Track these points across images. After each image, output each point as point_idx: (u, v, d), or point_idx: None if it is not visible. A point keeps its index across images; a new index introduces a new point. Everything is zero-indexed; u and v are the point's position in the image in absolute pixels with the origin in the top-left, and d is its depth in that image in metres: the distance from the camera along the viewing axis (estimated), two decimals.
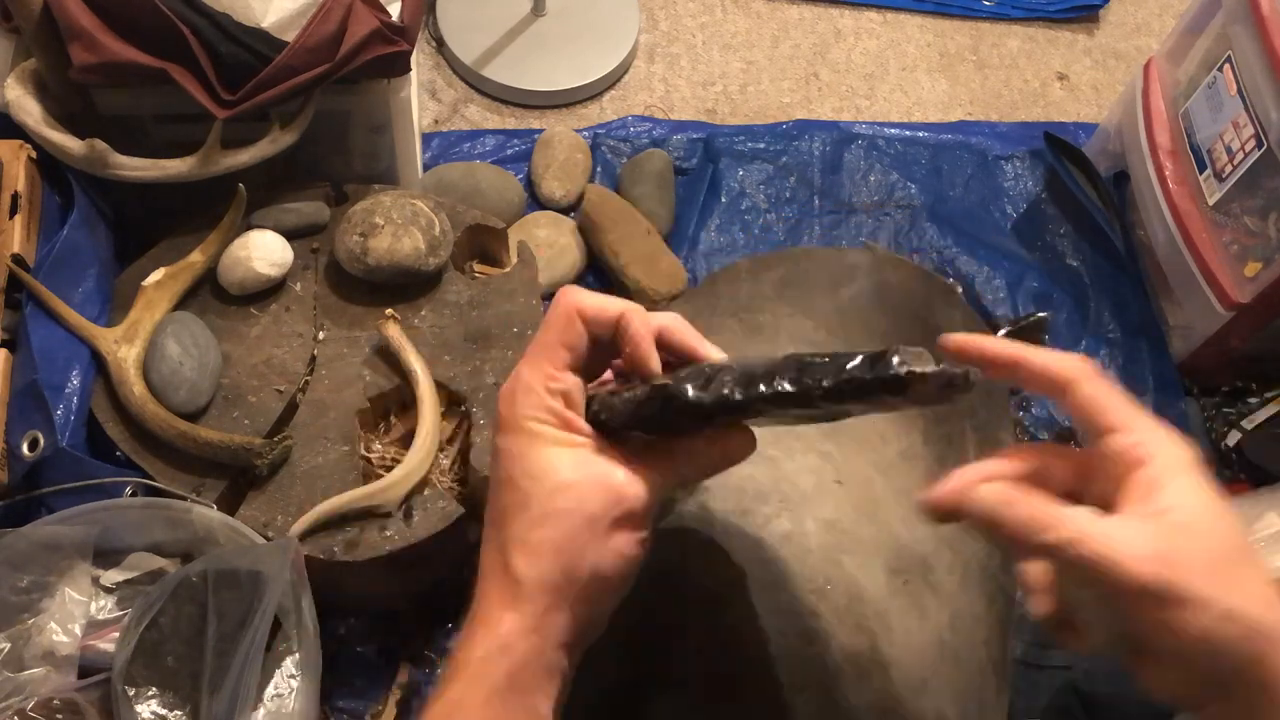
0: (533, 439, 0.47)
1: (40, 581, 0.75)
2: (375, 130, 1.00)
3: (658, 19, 1.51)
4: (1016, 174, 1.38)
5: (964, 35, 1.54)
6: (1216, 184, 1.11)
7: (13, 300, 0.83)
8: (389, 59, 0.91)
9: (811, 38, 1.52)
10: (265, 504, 0.83)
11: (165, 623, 0.73)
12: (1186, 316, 1.18)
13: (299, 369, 0.89)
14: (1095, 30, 1.58)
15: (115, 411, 0.85)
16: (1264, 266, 1.06)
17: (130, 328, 0.86)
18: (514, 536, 0.46)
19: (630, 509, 0.47)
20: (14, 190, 0.84)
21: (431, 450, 0.85)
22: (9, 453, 0.78)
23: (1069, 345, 1.24)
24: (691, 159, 1.34)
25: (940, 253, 1.30)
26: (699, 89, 1.44)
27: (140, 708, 0.71)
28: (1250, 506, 1.03)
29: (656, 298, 1.16)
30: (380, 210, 0.92)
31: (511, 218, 1.22)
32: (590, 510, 0.46)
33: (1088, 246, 1.31)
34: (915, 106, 1.46)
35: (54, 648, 0.73)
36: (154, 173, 0.88)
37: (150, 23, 0.83)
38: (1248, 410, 1.15)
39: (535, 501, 0.46)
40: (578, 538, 0.46)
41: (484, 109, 1.38)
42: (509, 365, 0.90)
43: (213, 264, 0.92)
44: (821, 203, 1.33)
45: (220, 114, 0.86)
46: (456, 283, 0.96)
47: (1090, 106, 1.49)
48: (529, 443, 0.47)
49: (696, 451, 0.49)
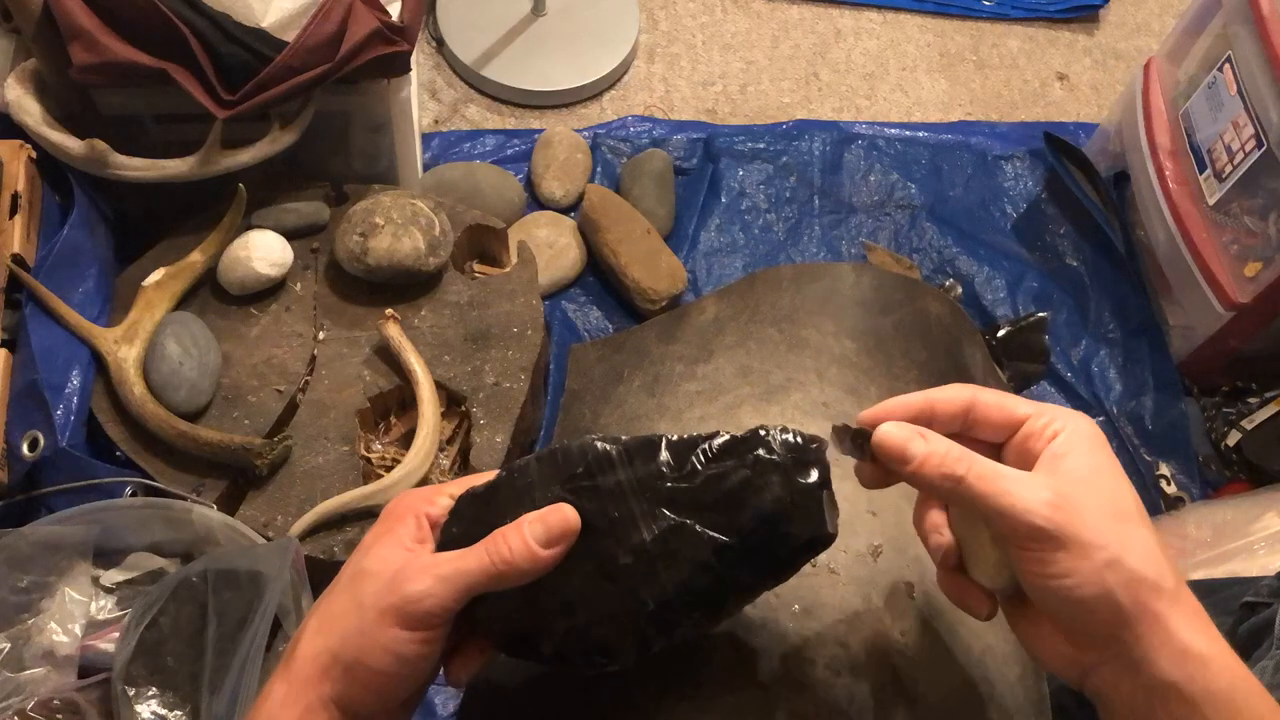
0: (382, 535, 0.49)
1: (40, 581, 0.75)
2: (375, 130, 1.00)
3: (658, 19, 1.51)
4: (1016, 174, 1.38)
5: (964, 35, 1.54)
6: (1216, 184, 1.11)
7: (13, 300, 0.83)
8: (389, 59, 0.91)
9: (811, 38, 1.52)
10: (265, 504, 0.83)
11: (165, 623, 0.73)
12: (1186, 316, 1.18)
13: (299, 369, 0.89)
14: (1095, 30, 1.58)
15: (115, 411, 0.85)
16: (1264, 266, 1.07)
17: (130, 328, 0.86)
18: (311, 612, 0.49)
19: (404, 603, 0.45)
20: (14, 190, 0.84)
21: (431, 450, 0.85)
22: (9, 453, 0.78)
23: (1069, 345, 1.24)
24: (691, 159, 1.34)
25: (940, 253, 1.30)
26: (699, 89, 1.44)
27: (140, 708, 0.71)
28: (1250, 506, 1.03)
29: (656, 298, 1.16)
30: (380, 210, 0.92)
31: (511, 218, 1.22)
32: (362, 597, 0.47)
33: (1088, 246, 1.31)
34: (915, 106, 1.46)
35: (54, 648, 0.73)
36: (154, 173, 0.88)
37: (150, 23, 0.83)
38: (1248, 410, 1.15)
39: (338, 582, 0.48)
40: (347, 620, 0.47)
41: (484, 109, 1.38)
42: (509, 365, 0.90)
43: (213, 264, 0.92)
44: (821, 203, 1.33)
45: (220, 114, 0.86)
46: (456, 283, 0.96)
47: (1090, 106, 1.49)
48: (375, 538, 0.49)
49: (503, 534, 0.47)
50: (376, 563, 0.48)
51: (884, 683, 0.55)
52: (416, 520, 0.49)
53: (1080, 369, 1.22)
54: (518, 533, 0.46)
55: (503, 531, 0.47)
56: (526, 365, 0.91)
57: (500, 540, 0.46)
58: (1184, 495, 1.14)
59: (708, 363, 0.70)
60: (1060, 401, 1.20)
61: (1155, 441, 1.17)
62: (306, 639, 0.47)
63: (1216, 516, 1.04)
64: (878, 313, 0.72)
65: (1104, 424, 1.19)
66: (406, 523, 0.49)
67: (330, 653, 0.46)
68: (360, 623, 0.46)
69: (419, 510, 0.50)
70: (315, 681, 0.46)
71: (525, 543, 0.46)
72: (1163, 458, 1.16)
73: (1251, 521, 1.01)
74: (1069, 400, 1.21)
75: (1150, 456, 1.17)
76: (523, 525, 0.47)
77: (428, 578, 0.46)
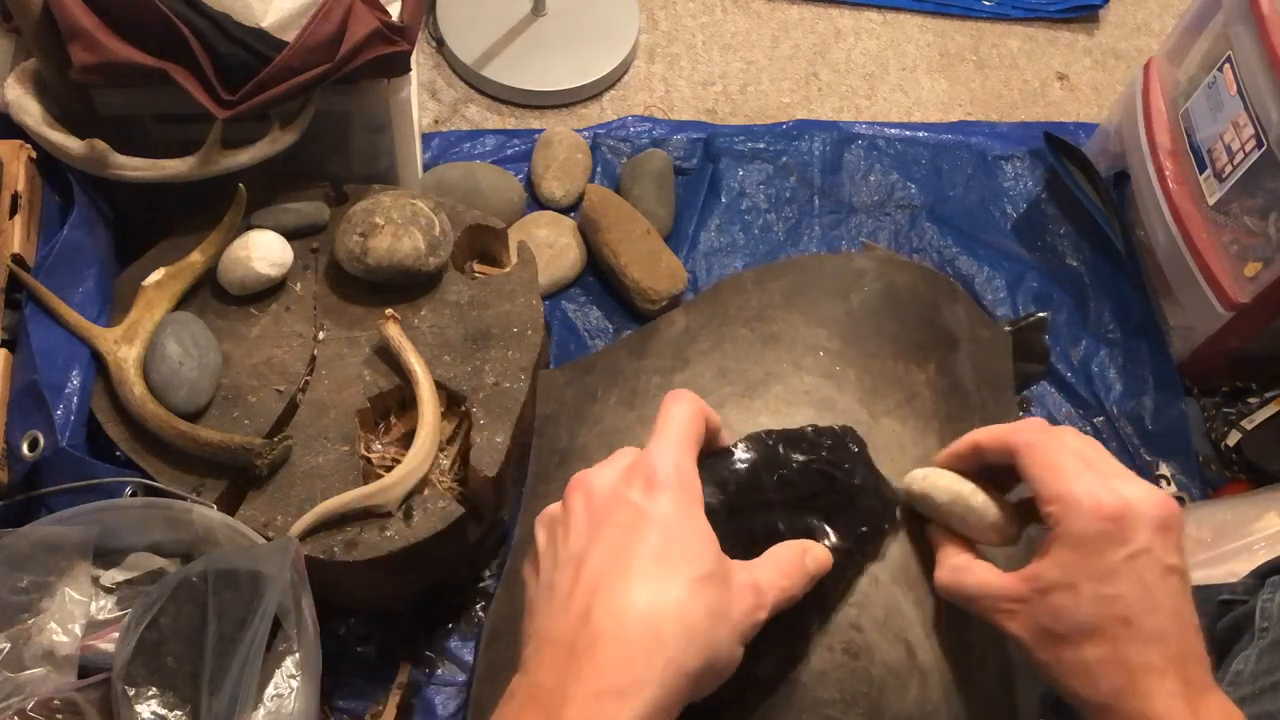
0: (694, 503, 0.47)
1: (40, 581, 0.75)
2: (375, 130, 1.00)
3: (658, 19, 1.51)
4: (1016, 174, 1.38)
5: (964, 35, 1.54)
6: (1216, 184, 1.11)
7: (13, 300, 0.83)
8: (389, 59, 0.91)
9: (811, 38, 1.52)
10: (265, 504, 0.83)
11: (165, 623, 0.73)
12: (1186, 316, 1.18)
13: (299, 369, 0.89)
14: (1095, 30, 1.58)
15: (115, 411, 0.85)
16: (1264, 266, 1.07)
17: (130, 328, 0.86)
18: (662, 590, 0.44)
19: (760, 622, 0.47)
20: (14, 190, 0.84)
21: (431, 450, 0.85)
22: (9, 453, 0.78)
23: (1069, 345, 1.24)
24: (691, 159, 1.34)
25: (940, 253, 1.30)
26: (699, 89, 1.44)
27: (140, 708, 0.71)
28: (1250, 506, 1.03)
29: (656, 298, 1.16)
30: (380, 210, 0.92)
31: (511, 218, 1.22)
32: (737, 603, 0.46)
33: (1088, 246, 1.31)
34: (915, 106, 1.46)
35: (54, 648, 0.73)
36: (154, 173, 0.88)
37: (150, 23, 0.83)
38: (1248, 410, 1.15)
39: (696, 574, 0.45)
40: (723, 627, 0.45)
41: (484, 109, 1.38)
42: (509, 365, 0.91)
43: (213, 264, 0.92)
44: (821, 203, 1.33)
45: (220, 114, 0.86)
46: (456, 283, 0.96)
47: (1090, 106, 1.49)
48: (690, 506, 0.47)
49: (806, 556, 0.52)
50: (713, 562, 0.46)
51: (899, 658, 0.56)
52: None
53: (1080, 369, 1.22)
54: (803, 562, 0.51)
55: (795, 563, 0.50)
56: (526, 365, 0.91)
57: (811, 559, 0.51)
58: (1184, 495, 1.14)
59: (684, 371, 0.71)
60: (1060, 402, 1.20)
61: (1155, 441, 1.17)
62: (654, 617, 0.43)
63: (1216, 516, 1.04)
64: (843, 296, 0.73)
65: (1104, 424, 1.19)
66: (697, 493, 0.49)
67: (708, 666, 0.44)
68: (728, 639, 0.45)
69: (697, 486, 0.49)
70: (669, 685, 0.43)
71: (809, 573, 0.51)
72: (1163, 458, 1.16)
73: (1251, 521, 1.01)
74: (1069, 400, 1.21)
75: (1150, 456, 1.17)
76: (805, 554, 0.51)
77: (769, 599, 0.48)
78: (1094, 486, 0.48)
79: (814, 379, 0.68)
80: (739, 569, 0.48)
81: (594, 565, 0.45)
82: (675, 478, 0.47)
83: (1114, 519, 0.47)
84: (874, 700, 0.55)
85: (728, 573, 0.46)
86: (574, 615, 0.44)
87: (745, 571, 0.48)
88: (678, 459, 0.48)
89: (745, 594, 0.46)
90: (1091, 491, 0.48)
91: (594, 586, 0.44)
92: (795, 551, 0.51)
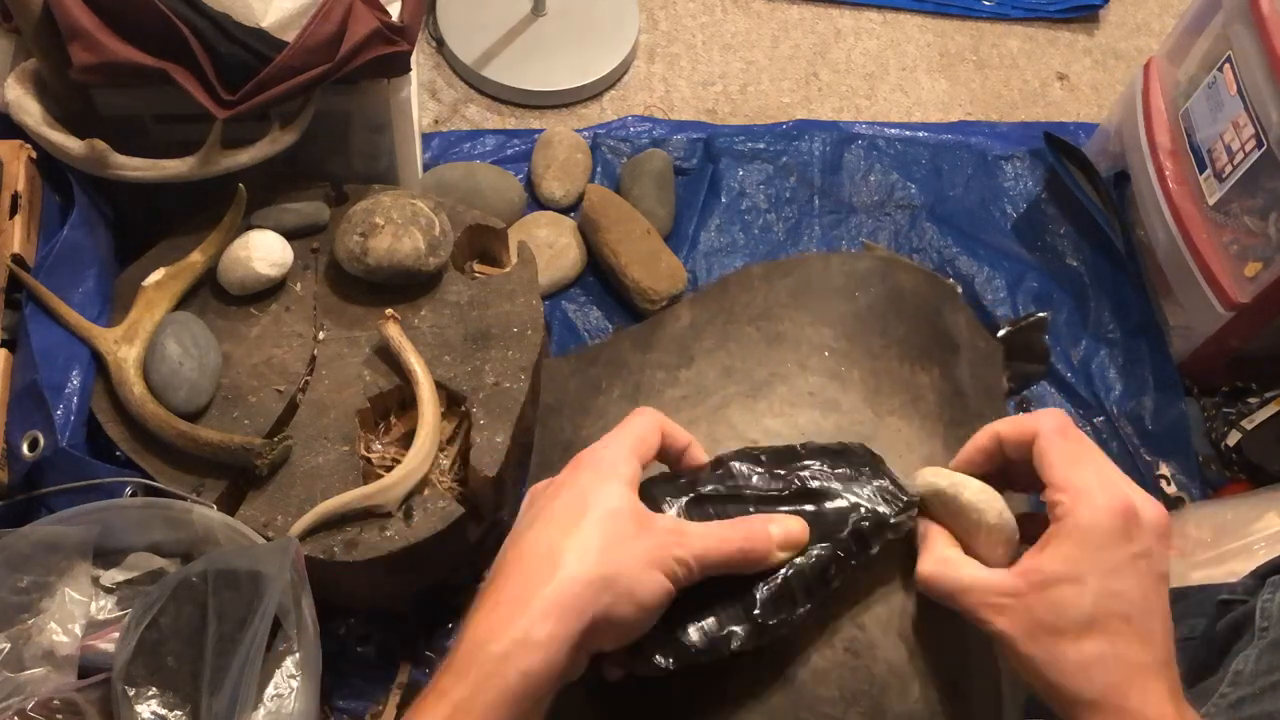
0: (612, 477, 0.50)
1: (40, 581, 0.75)
2: (375, 130, 1.00)
3: (658, 19, 1.51)
4: (1016, 174, 1.38)
5: (964, 35, 1.54)
6: (1216, 184, 1.11)
7: (13, 300, 0.83)
8: (389, 59, 0.91)
9: (811, 38, 1.52)
10: (265, 504, 0.83)
11: (165, 623, 0.73)
12: (1186, 316, 1.18)
13: (299, 369, 0.89)
14: (1095, 30, 1.58)
15: (115, 411, 0.85)
16: (1264, 266, 1.07)
17: (130, 328, 0.86)
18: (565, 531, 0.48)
19: (681, 559, 0.48)
20: (14, 190, 0.84)
21: (431, 450, 0.85)
22: (9, 453, 0.78)
23: (1069, 345, 1.24)
24: (691, 159, 1.34)
25: (940, 253, 1.30)
26: (699, 89, 1.44)
27: (140, 708, 0.71)
28: (1250, 506, 1.03)
29: (656, 298, 1.16)
30: (380, 210, 0.92)
31: (511, 218, 1.22)
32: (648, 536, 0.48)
33: (1088, 246, 1.31)
34: (915, 106, 1.46)
35: (54, 648, 0.73)
36: (154, 173, 0.88)
37: (150, 23, 0.83)
38: (1248, 410, 1.15)
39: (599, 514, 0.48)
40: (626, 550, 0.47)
41: (484, 109, 1.38)
42: (509, 365, 0.91)
43: (213, 264, 0.92)
44: (821, 203, 1.33)
45: (220, 114, 0.86)
46: (456, 283, 0.96)
47: (1090, 106, 1.49)
48: (608, 478, 0.50)
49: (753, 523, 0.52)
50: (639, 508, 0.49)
51: (899, 657, 0.56)
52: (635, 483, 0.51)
53: (1080, 369, 1.22)
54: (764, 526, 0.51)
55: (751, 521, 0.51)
56: (526, 365, 0.91)
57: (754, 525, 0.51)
58: (1184, 495, 1.14)
59: (689, 367, 0.71)
60: (1060, 402, 1.20)
61: (1155, 441, 1.17)
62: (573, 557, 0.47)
63: (1216, 517, 1.04)
64: (849, 296, 0.73)
65: (1104, 424, 1.19)
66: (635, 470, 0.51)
67: (602, 576, 0.46)
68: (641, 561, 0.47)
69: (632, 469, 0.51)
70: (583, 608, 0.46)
71: (769, 537, 0.51)
72: (1163, 458, 1.16)
73: (1251, 521, 1.01)
74: (1069, 400, 1.21)
75: (1150, 456, 1.17)
76: (770, 522, 0.51)
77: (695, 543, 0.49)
78: (1107, 482, 0.49)
79: (819, 379, 0.68)
80: (664, 518, 0.51)
81: (515, 533, 0.50)
82: (604, 460, 0.51)
83: (1125, 515, 0.48)
84: (875, 699, 0.55)
85: (643, 515, 0.49)
86: (491, 573, 0.49)
87: (671, 520, 0.51)
88: (613, 452, 0.51)
89: (661, 532, 0.49)
90: (1105, 486, 0.49)
91: (509, 544, 0.50)
92: (754, 518, 0.52)
